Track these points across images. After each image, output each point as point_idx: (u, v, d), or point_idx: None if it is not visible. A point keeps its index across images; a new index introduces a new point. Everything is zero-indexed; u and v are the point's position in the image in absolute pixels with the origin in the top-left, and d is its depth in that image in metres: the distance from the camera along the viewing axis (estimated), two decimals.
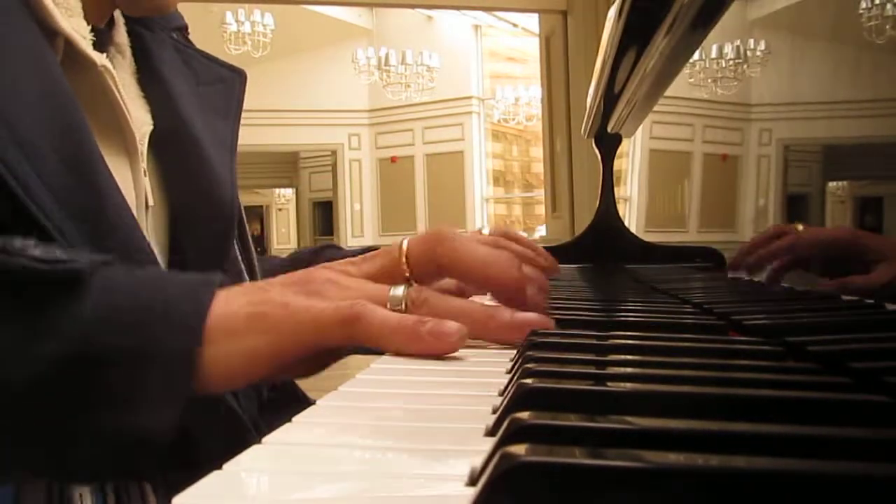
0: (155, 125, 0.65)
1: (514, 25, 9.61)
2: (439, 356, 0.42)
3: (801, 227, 0.62)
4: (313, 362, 0.45)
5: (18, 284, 0.36)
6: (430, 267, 0.47)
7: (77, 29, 0.56)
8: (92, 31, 0.58)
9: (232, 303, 0.40)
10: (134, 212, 0.57)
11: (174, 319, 0.37)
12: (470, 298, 0.52)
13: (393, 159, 10.57)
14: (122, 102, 0.59)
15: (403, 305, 0.44)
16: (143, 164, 0.62)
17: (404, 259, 0.47)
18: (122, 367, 0.36)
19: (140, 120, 0.63)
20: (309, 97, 10.40)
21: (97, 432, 0.36)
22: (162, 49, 0.69)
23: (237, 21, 7.85)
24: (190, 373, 0.37)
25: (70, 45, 0.56)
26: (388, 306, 0.43)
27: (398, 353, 0.42)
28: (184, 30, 0.75)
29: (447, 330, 0.41)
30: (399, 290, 0.44)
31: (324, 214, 12.52)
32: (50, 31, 0.54)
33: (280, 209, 15.30)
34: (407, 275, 0.47)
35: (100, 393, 0.36)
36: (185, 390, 0.37)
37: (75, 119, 0.52)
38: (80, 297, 0.37)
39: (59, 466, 0.38)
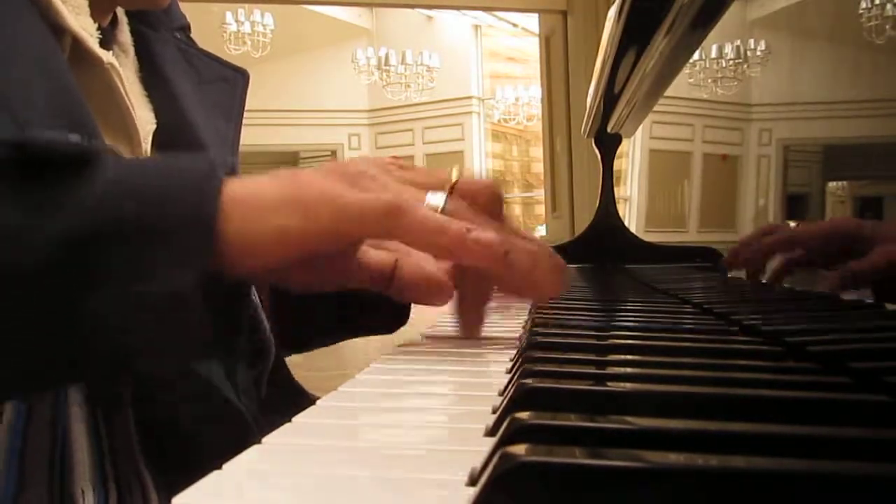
0: (158, 124, 0.65)
1: (514, 25, 9.61)
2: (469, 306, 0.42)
3: (792, 224, 0.62)
4: (323, 271, 0.44)
5: (26, 164, 0.36)
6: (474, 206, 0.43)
7: (84, 27, 0.57)
8: (97, 29, 0.59)
9: (261, 181, 0.39)
10: None
11: (188, 191, 0.37)
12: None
13: None
14: (127, 101, 0.60)
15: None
16: None
17: (450, 189, 0.43)
18: (136, 236, 0.36)
19: (144, 119, 0.64)
20: (309, 97, 10.40)
21: (115, 308, 0.35)
22: (165, 48, 0.69)
23: (237, 21, 7.86)
24: (208, 235, 0.36)
25: (77, 43, 0.56)
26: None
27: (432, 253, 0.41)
28: (186, 29, 0.75)
29: (494, 240, 0.40)
30: (439, 198, 0.41)
31: None
32: (57, 29, 0.55)
33: None
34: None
35: (115, 266, 0.35)
36: (201, 252, 0.36)
37: (83, 117, 0.52)
38: (89, 175, 0.36)
39: (81, 356, 0.37)
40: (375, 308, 0.58)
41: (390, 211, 0.38)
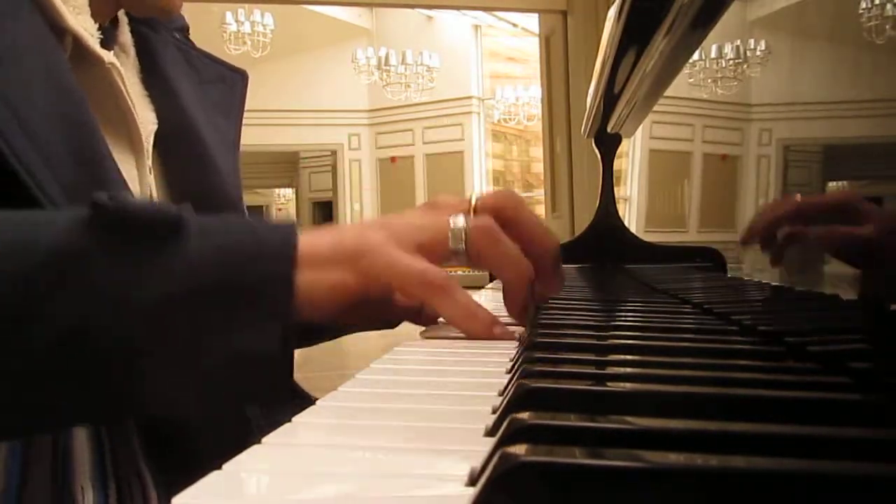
0: (159, 124, 0.65)
1: (514, 25, 9.61)
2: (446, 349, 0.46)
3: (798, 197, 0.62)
4: (364, 314, 0.50)
5: (129, 230, 0.39)
6: (497, 219, 0.50)
7: (85, 27, 0.57)
8: (98, 29, 0.59)
9: (318, 237, 0.44)
10: None
11: (269, 254, 0.41)
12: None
13: (393, 159, 10.57)
14: (128, 100, 0.60)
15: (463, 235, 0.47)
16: (149, 161, 0.62)
17: (472, 210, 0.50)
18: (232, 296, 0.40)
19: (145, 118, 0.64)
20: (309, 97, 10.40)
21: (213, 358, 0.39)
22: (165, 48, 0.70)
23: (237, 21, 7.86)
24: (290, 295, 0.41)
25: (78, 43, 0.57)
26: (450, 236, 0.47)
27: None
28: (185, 30, 0.76)
29: (513, 333, 0.47)
30: (461, 220, 0.47)
31: (324, 214, 12.52)
32: (59, 30, 0.55)
33: (280, 209, 15.31)
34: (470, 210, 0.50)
35: (215, 320, 0.39)
36: (286, 309, 0.41)
37: (84, 116, 0.53)
38: (184, 238, 0.40)
39: (185, 397, 0.41)
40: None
41: (431, 285, 0.45)
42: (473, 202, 0.50)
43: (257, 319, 0.40)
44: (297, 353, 0.73)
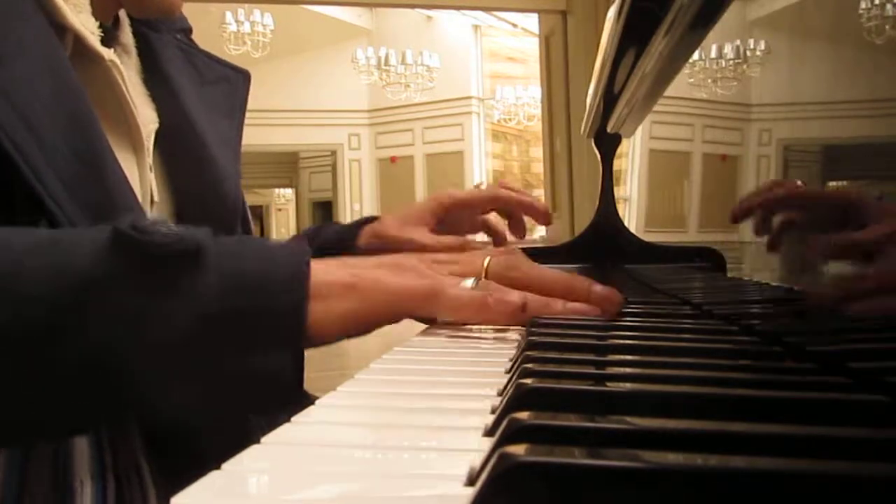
0: (160, 123, 0.65)
1: (514, 25, 9.61)
2: (500, 326, 0.50)
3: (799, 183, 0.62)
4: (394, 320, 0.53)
5: (151, 258, 0.41)
6: (503, 283, 0.53)
7: (85, 24, 0.57)
8: (99, 28, 0.59)
9: (330, 272, 0.46)
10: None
11: (282, 282, 0.43)
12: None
13: (393, 159, 10.57)
14: (128, 97, 0.60)
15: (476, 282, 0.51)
16: (149, 159, 0.63)
17: (484, 273, 0.54)
18: (247, 323, 0.42)
19: (146, 117, 0.64)
20: (309, 97, 10.40)
21: (226, 379, 0.42)
22: (166, 49, 0.70)
23: (237, 21, 7.86)
24: (301, 323, 0.43)
25: (79, 41, 0.57)
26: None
27: (466, 322, 0.51)
28: (188, 32, 0.76)
29: (510, 299, 0.50)
30: (469, 282, 0.51)
31: (323, 214, 12.51)
32: (59, 28, 0.55)
33: (280, 209, 15.30)
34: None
35: (231, 344, 0.42)
36: (298, 336, 0.43)
37: (85, 112, 0.53)
38: (204, 265, 0.42)
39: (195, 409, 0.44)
40: None
41: (427, 294, 0.48)
42: (486, 264, 0.54)
43: (270, 346, 0.42)
44: None
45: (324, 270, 0.46)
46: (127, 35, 0.67)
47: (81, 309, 0.39)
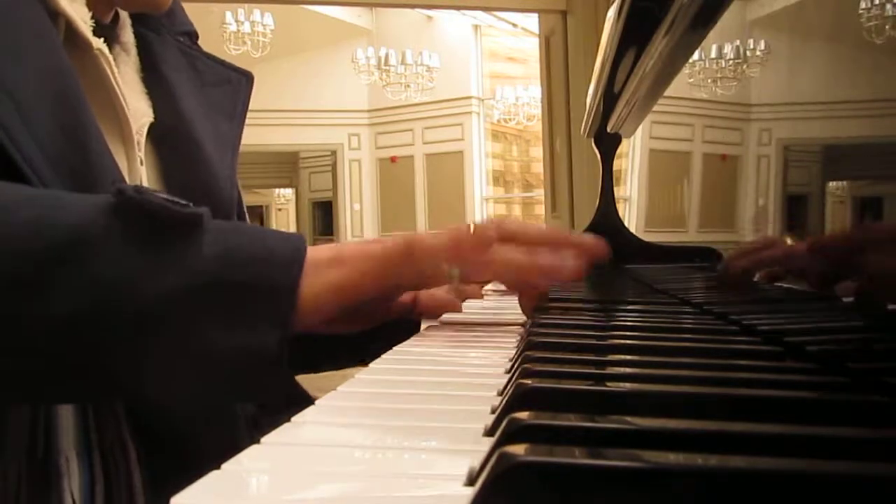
0: (156, 121, 0.66)
1: (514, 25, 9.61)
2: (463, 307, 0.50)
3: (789, 241, 0.62)
4: (375, 310, 0.53)
5: (153, 221, 0.41)
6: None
7: (78, 13, 0.58)
8: (97, 24, 0.60)
9: (317, 248, 0.47)
10: None
11: (277, 260, 0.43)
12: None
13: (393, 159, 10.56)
14: (117, 87, 0.61)
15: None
16: (140, 153, 0.63)
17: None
18: (238, 296, 0.42)
19: (140, 111, 0.65)
20: (309, 97, 10.39)
21: (218, 350, 0.41)
22: (166, 50, 0.71)
23: (237, 21, 7.85)
24: (293, 303, 0.43)
25: (70, 28, 0.58)
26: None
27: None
28: (192, 35, 0.77)
29: (485, 245, 0.48)
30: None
31: (323, 214, 12.51)
32: (52, 13, 0.56)
33: (280, 209, 15.29)
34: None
35: (219, 317, 0.41)
36: (289, 316, 0.42)
37: (72, 89, 0.54)
38: (200, 236, 0.42)
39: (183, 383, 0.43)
40: (384, 337, 0.59)
41: (405, 249, 0.48)
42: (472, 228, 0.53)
43: (258, 321, 0.41)
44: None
45: (312, 248, 0.46)
46: (127, 34, 0.68)
47: (73, 262, 0.39)
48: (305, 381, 0.70)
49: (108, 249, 0.40)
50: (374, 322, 0.58)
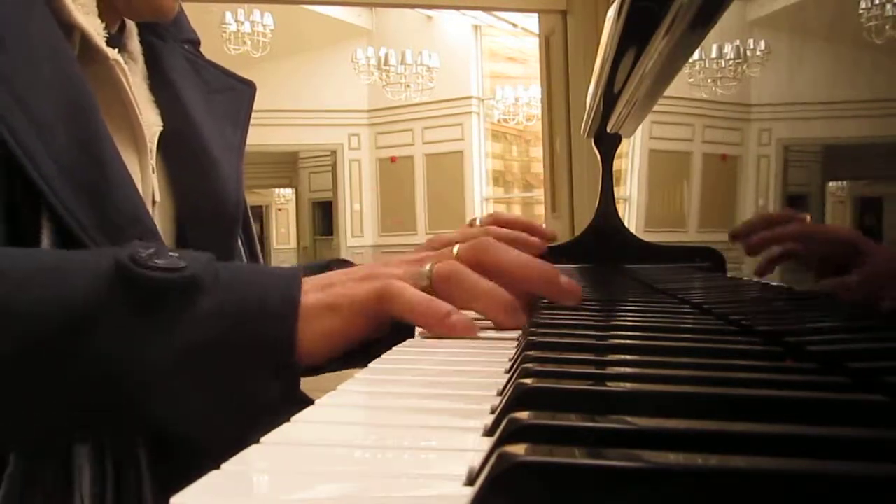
0: (164, 127, 0.67)
1: (514, 25, 9.61)
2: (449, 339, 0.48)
3: (808, 218, 0.62)
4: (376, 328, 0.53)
5: (146, 291, 0.43)
6: (474, 268, 0.53)
7: (93, 25, 0.59)
8: (107, 33, 0.61)
9: (309, 296, 0.48)
10: None
11: (274, 312, 0.45)
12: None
13: (393, 159, 10.57)
14: (132, 98, 0.62)
15: (428, 281, 0.51)
16: (152, 161, 0.64)
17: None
18: (239, 354, 0.44)
19: (150, 120, 0.66)
20: (308, 97, 10.39)
21: (219, 405, 0.44)
22: (172, 58, 0.72)
23: (237, 21, 7.85)
24: (291, 353, 0.45)
25: (85, 41, 0.59)
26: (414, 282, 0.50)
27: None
28: (195, 43, 0.78)
29: (438, 306, 0.49)
30: (426, 267, 0.51)
31: (323, 214, 12.52)
32: (67, 27, 0.57)
33: (280, 209, 15.29)
34: None
35: (218, 375, 0.43)
36: (289, 366, 0.45)
37: (86, 100, 0.55)
38: (196, 297, 0.44)
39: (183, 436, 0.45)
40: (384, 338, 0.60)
41: (380, 297, 0.48)
42: (455, 252, 0.54)
43: (260, 375, 0.44)
44: None
45: (304, 291, 0.48)
46: (134, 43, 0.69)
47: (80, 335, 0.41)
48: (305, 380, 0.69)
49: (113, 320, 0.42)
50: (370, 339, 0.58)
